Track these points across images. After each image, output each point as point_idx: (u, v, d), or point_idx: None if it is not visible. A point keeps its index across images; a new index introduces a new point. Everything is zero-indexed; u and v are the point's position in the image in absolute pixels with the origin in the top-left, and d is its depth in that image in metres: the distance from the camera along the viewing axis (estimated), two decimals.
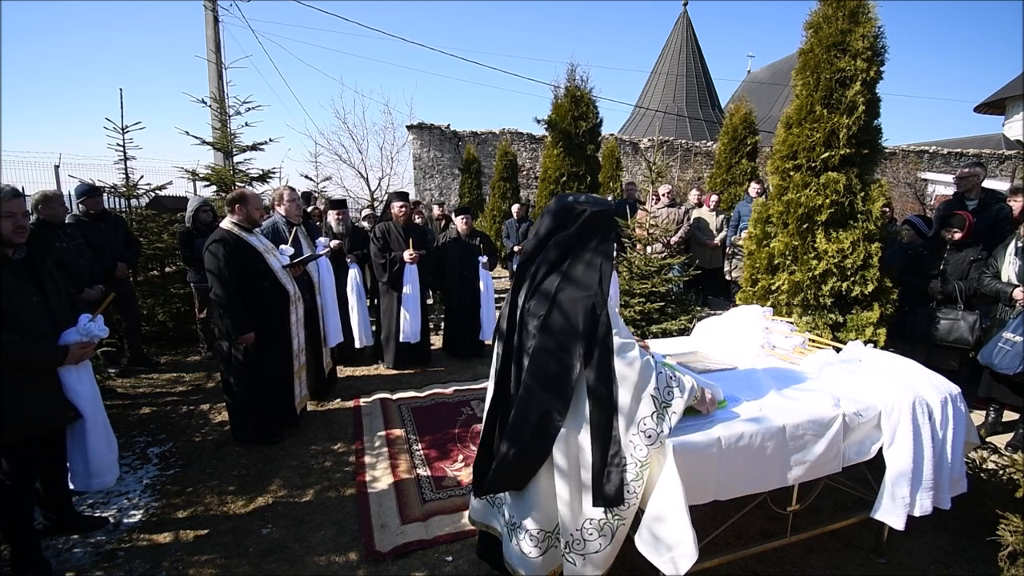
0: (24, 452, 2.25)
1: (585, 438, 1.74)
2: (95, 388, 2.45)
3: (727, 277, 7.20)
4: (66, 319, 2.36)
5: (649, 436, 1.76)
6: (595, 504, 1.74)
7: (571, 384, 1.72)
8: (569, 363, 1.72)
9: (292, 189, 4.40)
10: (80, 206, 4.69)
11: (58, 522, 2.63)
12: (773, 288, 3.65)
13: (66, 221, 4.73)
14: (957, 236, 3.82)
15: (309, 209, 6.95)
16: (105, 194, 5.46)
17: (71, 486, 2.47)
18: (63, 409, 2.30)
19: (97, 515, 2.78)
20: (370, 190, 14.41)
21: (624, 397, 1.74)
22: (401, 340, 5.02)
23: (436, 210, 8.09)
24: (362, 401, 4.34)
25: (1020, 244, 3.52)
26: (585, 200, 1.83)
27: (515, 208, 8.19)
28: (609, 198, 8.39)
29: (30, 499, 2.37)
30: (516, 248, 7.58)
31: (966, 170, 4.33)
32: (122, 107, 6.03)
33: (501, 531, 2.06)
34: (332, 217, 5.36)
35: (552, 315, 1.75)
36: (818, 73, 3.42)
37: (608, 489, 1.72)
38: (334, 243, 5.00)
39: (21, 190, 5.72)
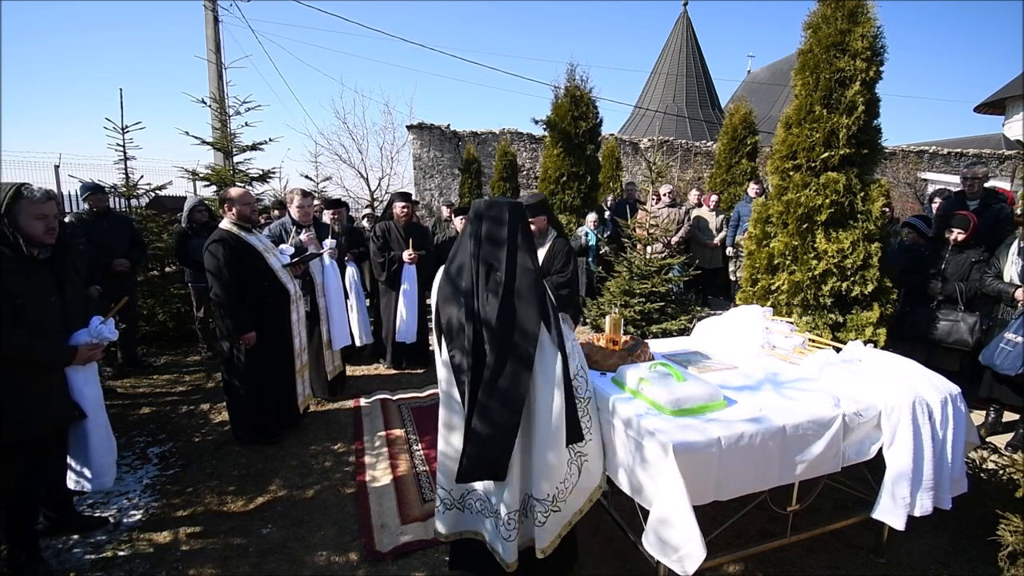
0: (29, 452, 2.24)
1: (549, 393, 1.94)
2: (99, 390, 2.46)
3: (731, 277, 7.21)
4: (79, 320, 2.37)
5: (582, 378, 2.13)
6: (569, 441, 1.97)
7: (534, 350, 1.91)
8: (532, 331, 1.90)
9: (305, 195, 4.34)
10: (84, 203, 4.70)
11: (58, 522, 2.63)
12: (773, 288, 3.65)
13: (67, 220, 4.75)
14: (960, 237, 3.79)
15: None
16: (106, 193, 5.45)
17: (70, 487, 2.46)
18: (69, 409, 2.31)
19: (97, 515, 2.78)
20: (370, 190, 14.41)
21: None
22: (397, 340, 5.02)
23: (445, 211, 8.08)
24: (362, 401, 4.34)
25: (1022, 244, 3.51)
26: (500, 199, 2.07)
27: None
28: (609, 198, 8.45)
29: (34, 500, 2.36)
30: None
31: (977, 169, 4.34)
32: (122, 107, 6.04)
33: (487, 530, 2.10)
34: (328, 216, 5.34)
35: (516, 298, 1.93)
36: (817, 73, 3.42)
37: (572, 426, 1.95)
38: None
39: None
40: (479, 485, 2.09)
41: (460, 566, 2.28)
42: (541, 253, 3.55)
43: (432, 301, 2.19)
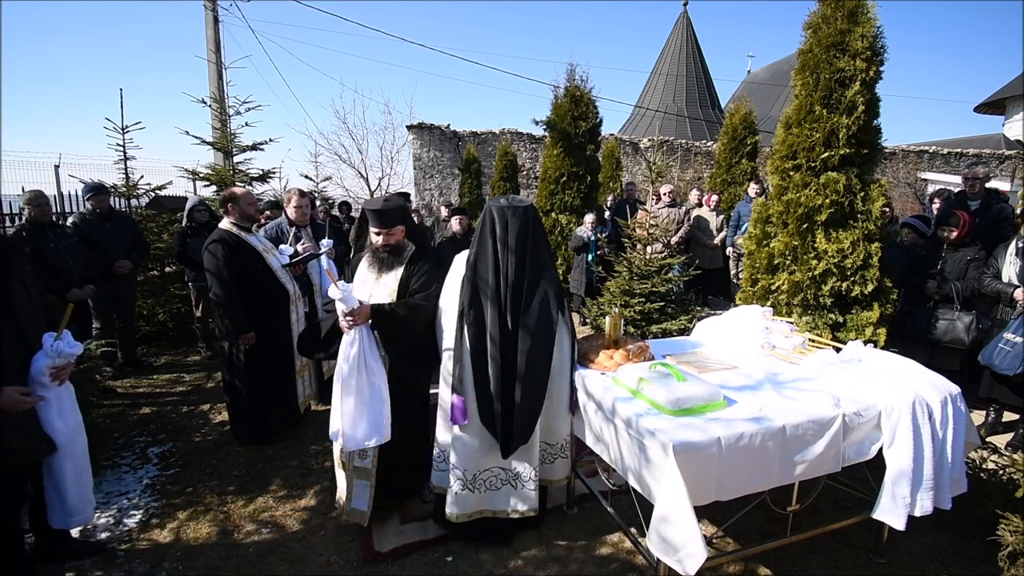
0: None
1: (562, 364, 2.43)
2: (76, 418, 2.22)
3: (734, 280, 7.20)
4: (39, 333, 2.10)
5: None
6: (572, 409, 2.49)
7: (555, 333, 2.37)
8: (552, 316, 2.36)
9: (302, 194, 4.33)
10: (88, 203, 4.72)
11: (48, 549, 2.43)
12: (773, 288, 3.64)
13: (71, 220, 4.77)
14: (952, 235, 3.82)
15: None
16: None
17: (50, 523, 2.25)
18: (35, 442, 2.05)
19: (97, 539, 2.62)
20: (370, 190, 14.44)
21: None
22: None
23: (444, 211, 8.09)
24: None
25: (1021, 244, 3.51)
26: (518, 204, 2.40)
27: None
28: (609, 198, 8.44)
29: (10, 546, 2.13)
30: None
31: (978, 169, 4.36)
32: (122, 107, 6.05)
33: (503, 501, 2.44)
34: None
35: (537, 289, 2.35)
36: (817, 73, 3.42)
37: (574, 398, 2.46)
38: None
39: (21, 190, 5.75)
40: (494, 460, 2.39)
41: (482, 538, 2.52)
42: (397, 276, 2.65)
43: (452, 293, 2.45)
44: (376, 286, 2.64)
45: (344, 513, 2.62)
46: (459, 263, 2.52)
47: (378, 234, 2.62)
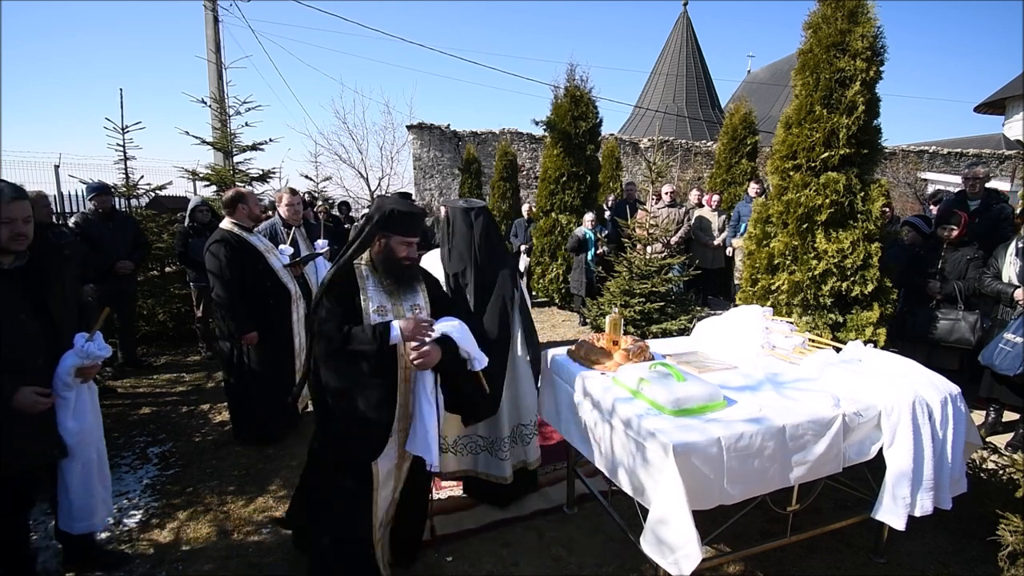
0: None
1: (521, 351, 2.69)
2: (91, 420, 2.16)
3: (737, 283, 7.20)
4: (73, 332, 2.08)
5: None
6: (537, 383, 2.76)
7: (513, 312, 2.61)
8: (510, 295, 2.62)
9: (293, 193, 4.34)
10: (90, 203, 4.72)
11: (76, 554, 2.39)
12: (773, 288, 3.65)
13: (72, 220, 4.78)
14: (953, 234, 3.83)
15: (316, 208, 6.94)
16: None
17: (60, 527, 2.22)
18: (46, 444, 2.00)
19: (111, 548, 2.55)
20: (370, 190, 14.45)
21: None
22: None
23: (443, 211, 8.16)
24: None
25: (1021, 245, 3.51)
26: (476, 206, 2.78)
27: (525, 208, 8.51)
28: (609, 198, 8.45)
29: (13, 546, 2.09)
30: (523, 247, 7.71)
31: (978, 169, 4.36)
32: (122, 107, 6.04)
33: (480, 463, 2.75)
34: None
35: (495, 277, 2.64)
36: (817, 73, 3.42)
37: (535, 366, 2.72)
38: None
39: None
40: (470, 427, 2.65)
41: (470, 492, 2.90)
42: (425, 297, 2.24)
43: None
44: (404, 312, 2.14)
45: None
46: (432, 260, 2.85)
47: (409, 244, 2.10)
